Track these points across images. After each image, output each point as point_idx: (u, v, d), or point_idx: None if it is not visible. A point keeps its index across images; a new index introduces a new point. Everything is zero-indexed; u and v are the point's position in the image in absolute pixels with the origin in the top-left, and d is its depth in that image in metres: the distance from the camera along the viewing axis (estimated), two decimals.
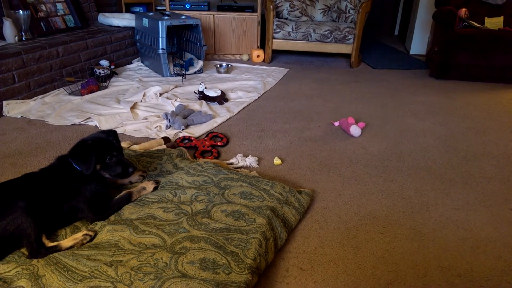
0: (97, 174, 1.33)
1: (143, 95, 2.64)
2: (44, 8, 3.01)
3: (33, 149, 1.89)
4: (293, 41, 3.76)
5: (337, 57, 4.28)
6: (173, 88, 2.87)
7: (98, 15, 3.60)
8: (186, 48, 3.64)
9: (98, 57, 3.14)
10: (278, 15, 3.99)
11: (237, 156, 1.82)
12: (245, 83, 3.14)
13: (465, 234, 1.36)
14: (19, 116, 2.30)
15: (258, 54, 3.93)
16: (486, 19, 3.61)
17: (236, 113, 2.49)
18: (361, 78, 3.47)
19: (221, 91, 2.69)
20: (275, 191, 1.44)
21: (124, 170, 1.35)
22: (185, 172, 1.55)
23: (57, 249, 1.15)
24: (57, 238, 1.23)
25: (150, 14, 3.31)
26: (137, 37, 3.49)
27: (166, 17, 3.12)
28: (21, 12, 2.69)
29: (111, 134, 1.41)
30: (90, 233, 1.21)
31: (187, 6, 3.80)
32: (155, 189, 1.46)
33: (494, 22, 3.58)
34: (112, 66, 3.20)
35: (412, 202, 1.55)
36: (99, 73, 2.93)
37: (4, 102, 2.36)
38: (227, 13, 3.84)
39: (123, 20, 3.51)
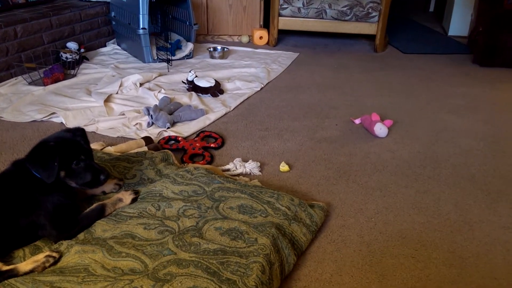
0: (61, 183, 1.33)
1: (120, 86, 2.64)
2: None
3: None
4: (304, 19, 3.76)
5: (358, 39, 4.28)
6: (156, 77, 2.87)
7: None
8: (172, 28, 3.64)
9: (65, 38, 3.15)
10: None
11: (234, 161, 1.82)
12: (245, 70, 3.14)
13: None
14: None
15: (260, 35, 3.93)
16: None
17: (234, 108, 2.49)
18: (387, 65, 3.47)
19: (215, 80, 2.69)
20: (281, 204, 1.44)
21: (95, 177, 1.35)
22: (171, 180, 1.55)
23: (13, 273, 1.15)
24: (14, 261, 1.23)
25: None
26: (113, 14, 3.49)
27: None
28: None
29: (79, 134, 1.41)
30: (54, 254, 1.21)
31: None
32: (133, 201, 1.46)
33: None
34: (82, 50, 3.21)
35: (450, 219, 1.55)
36: (66, 58, 2.94)
37: None
38: None
39: None
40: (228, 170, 1.79)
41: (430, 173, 1.86)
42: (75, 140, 1.37)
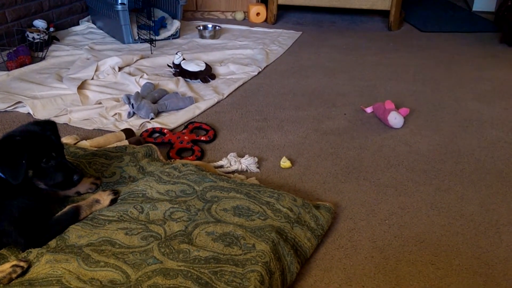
0: (29, 184, 1.32)
1: (96, 70, 2.63)
2: None
3: None
4: None
5: (370, 15, 4.27)
6: (137, 60, 2.86)
7: None
8: (156, 3, 3.62)
9: (32, 15, 3.13)
10: None
11: (228, 156, 1.82)
12: (240, 52, 3.13)
13: None
14: None
15: (257, 11, 3.92)
16: None
17: (227, 96, 2.49)
18: (403, 46, 3.47)
19: (205, 64, 2.68)
20: (282, 205, 1.44)
21: (67, 177, 1.35)
22: (156, 178, 1.55)
23: None
24: None
25: None
26: None
27: None
28: None
29: (48, 127, 1.40)
30: (22, 264, 1.21)
31: None
32: (112, 202, 1.46)
33: None
34: (51, 29, 3.19)
35: (475, 221, 1.55)
36: (33, 38, 2.92)
37: None
38: None
39: None
40: (221, 166, 1.79)
41: (452, 168, 1.86)
42: (44, 134, 1.37)
